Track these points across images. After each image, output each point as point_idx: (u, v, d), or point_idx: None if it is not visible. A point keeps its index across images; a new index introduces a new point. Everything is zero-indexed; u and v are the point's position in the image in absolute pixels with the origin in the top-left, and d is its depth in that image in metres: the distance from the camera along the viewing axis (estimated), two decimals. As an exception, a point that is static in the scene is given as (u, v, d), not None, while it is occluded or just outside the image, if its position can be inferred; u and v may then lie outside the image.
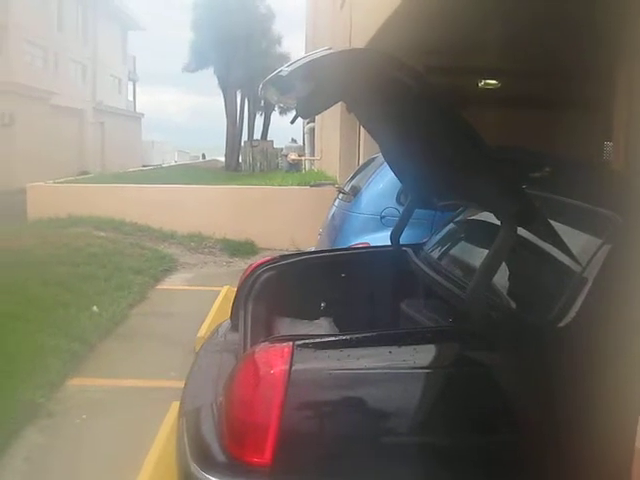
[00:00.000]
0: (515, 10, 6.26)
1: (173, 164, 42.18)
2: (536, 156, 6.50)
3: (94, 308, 6.61)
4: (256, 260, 3.95)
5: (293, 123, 2.81)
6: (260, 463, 2.13)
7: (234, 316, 3.47)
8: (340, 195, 6.83)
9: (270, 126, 39.62)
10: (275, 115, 39.33)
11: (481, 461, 2.25)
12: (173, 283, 8.97)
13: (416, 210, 3.80)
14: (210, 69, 35.16)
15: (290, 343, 2.22)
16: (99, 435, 4.18)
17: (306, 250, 6.35)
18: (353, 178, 6.93)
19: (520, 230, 2.48)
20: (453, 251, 3.76)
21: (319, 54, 2.29)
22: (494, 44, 7.91)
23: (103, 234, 10.83)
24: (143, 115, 47.57)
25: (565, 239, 2.61)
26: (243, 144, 34.63)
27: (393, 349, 2.30)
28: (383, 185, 5.86)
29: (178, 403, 2.90)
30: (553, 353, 2.32)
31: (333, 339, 2.46)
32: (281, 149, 30.92)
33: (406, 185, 3.99)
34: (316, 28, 21.82)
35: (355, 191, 6.23)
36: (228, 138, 35.84)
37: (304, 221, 10.03)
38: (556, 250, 2.65)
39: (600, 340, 2.31)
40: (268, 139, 36.54)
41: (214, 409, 2.52)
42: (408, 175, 3.61)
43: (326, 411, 2.25)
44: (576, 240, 2.65)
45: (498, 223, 2.48)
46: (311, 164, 23.13)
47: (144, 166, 34.18)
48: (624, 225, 2.47)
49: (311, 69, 2.27)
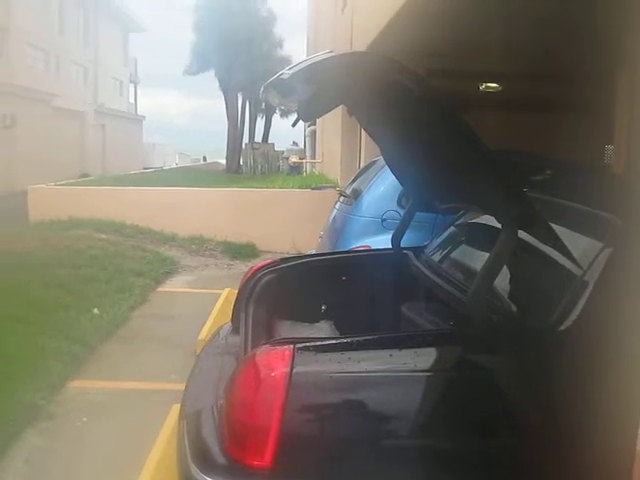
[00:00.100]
0: (516, 13, 6.27)
1: (174, 166, 42.18)
2: (537, 159, 6.52)
3: (95, 310, 6.61)
4: (257, 263, 3.95)
5: (294, 126, 2.83)
6: (260, 466, 2.13)
7: (235, 319, 3.47)
8: (341, 198, 6.83)
9: (271, 129, 39.71)
10: (276, 118, 39.41)
11: (481, 465, 2.25)
12: (174, 285, 8.96)
13: (417, 213, 3.81)
14: (211, 72, 35.20)
15: (291, 346, 2.22)
16: (100, 438, 4.17)
17: (307, 253, 6.34)
18: (354, 181, 6.93)
19: (521, 233, 2.48)
20: (454, 254, 3.76)
21: (320, 57, 2.29)
22: (495, 47, 7.93)
23: (104, 236, 10.82)
24: (144, 117, 47.64)
25: (566, 242, 2.61)
26: (244, 147, 34.63)
27: (394, 352, 2.30)
28: (384, 188, 5.86)
29: (179, 406, 2.90)
30: (554, 357, 2.31)
31: (334, 342, 2.46)
32: (282, 152, 30.93)
33: (407, 188, 3.99)
34: (317, 31, 21.87)
35: (356, 194, 6.23)
36: (229, 141, 35.86)
37: (305, 224, 10.03)
38: (557, 253, 2.65)
39: (601, 343, 2.31)
40: (269, 142, 36.58)
41: (215, 412, 2.52)
42: (409, 178, 3.61)
43: (327, 414, 2.24)
44: (577, 243, 2.65)
45: (499, 226, 2.49)
46: (312, 167, 23.17)
47: (145, 168, 34.19)
48: (625, 228, 2.48)
49: (312, 72, 2.27)
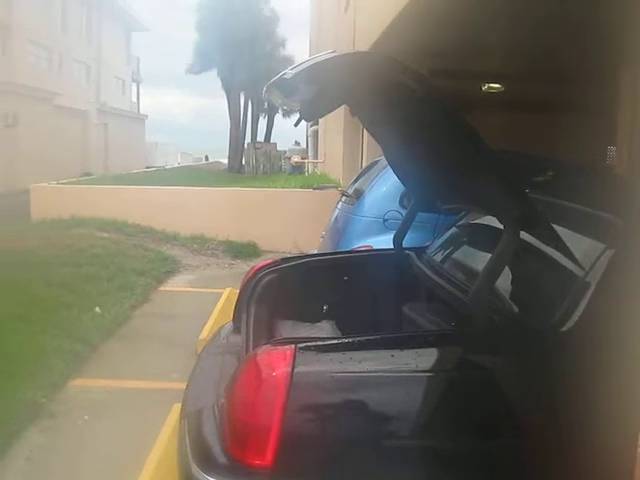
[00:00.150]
0: (519, 13, 6.26)
1: (176, 166, 42.20)
2: (539, 160, 6.51)
3: (97, 309, 6.61)
4: (259, 262, 3.95)
5: (297, 126, 2.82)
6: (261, 465, 2.13)
7: (236, 318, 3.47)
8: (343, 198, 6.83)
9: (273, 128, 39.64)
10: (278, 117, 39.35)
11: (483, 465, 2.25)
12: (176, 285, 8.96)
13: (419, 213, 3.81)
14: (214, 71, 35.17)
15: (292, 346, 2.22)
16: (101, 436, 4.18)
17: (309, 253, 6.34)
18: (356, 181, 6.93)
19: (523, 234, 2.48)
20: (456, 255, 3.76)
21: (323, 57, 2.29)
22: (498, 47, 7.93)
23: (106, 235, 10.82)
24: (147, 116, 47.66)
25: (568, 243, 2.61)
26: (246, 146, 34.61)
27: (395, 352, 2.30)
28: (386, 188, 5.86)
29: (180, 405, 2.90)
30: (555, 357, 2.31)
31: (335, 342, 2.46)
32: (284, 152, 30.93)
33: (409, 188, 3.99)
34: (320, 31, 21.84)
35: (358, 194, 6.23)
36: (231, 140, 35.85)
37: (307, 224, 10.03)
38: (559, 254, 2.65)
39: (603, 344, 2.31)
40: (271, 141, 36.54)
41: (216, 411, 2.52)
42: (411, 178, 3.61)
43: (328, 414, 2.25)
44: (579, 244, 2.65)
45: (501, 227, 2.49)
46: (314, 167, 23.15)
47: (147, 167, 34.22)
48: (627, 229, 2.47)
49: (315, 72, 2.27)
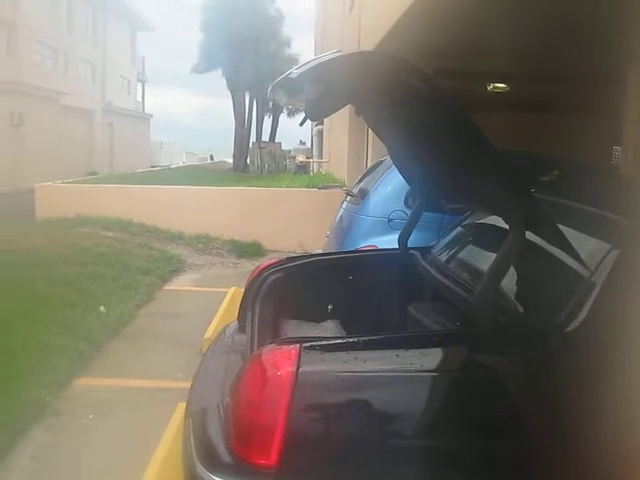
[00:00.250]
0: (524, 13, 6.25)
1: (181, 165, 42.27)
2: (544, 160, 6.50)
3: (101, 308, 6.63)
4: (263, 262, 3.95)
5: (302, 125, 2.83)
6: (266, 465, 2.13)
7: (241, 317, 3.47)
8: (348, 198, 6.82)
9: (278, 128, 39.62)
10: (283, 117, 39.35)
11: (487, 465, 2.25)
12: (181, 284, 8.97)
13: (424, 213, 3.80)
14: (219, 70, 35.18)
15: (297, 345, 2.22)
16: (106, 435, 4.19)
17: (313, 252, 6.34)
18: (361, 181, 6.92)
19: (528, 234, 2.47)
20: (461, 254, 3.76)
21: (328, 57, 2.29)
22: (503, 47, 7.91)
23: (111, 234, 10.85)
24: (152, 116, 47.76)
25: (573, 243, 2.60)
26: (251, 146, 34.60)
27: (400, 352, 2.30)
28: (391, 188, 5.85)
29: (184, 404, 2.90)
30: (560, 358, 2.31)
31: (340, 341, 2.46)
32: (289, 151, 30.92)
33: (414, 188, 3.99)
34: (325, 31, 21.85)
35: (363, 194, 6.22)
36: (236, 140, 35.86)
37: (312, 223, 10.02)
38: (564, 254, 2.64)
39: (608, 345, 2.31)
40: (276, 141, 36.51)
41: (221, 410, 2.52)
42: (416, 178, 3.61)
43: (333, 413, 2.24)
44: (584, 244, 2.64)
45: (506, 227, 2.48)
46: (319, 166, 23.18)
47: (152, 167, 34.26)
48: (632, 230, 2.47)
49: (320, 72, 2.27)
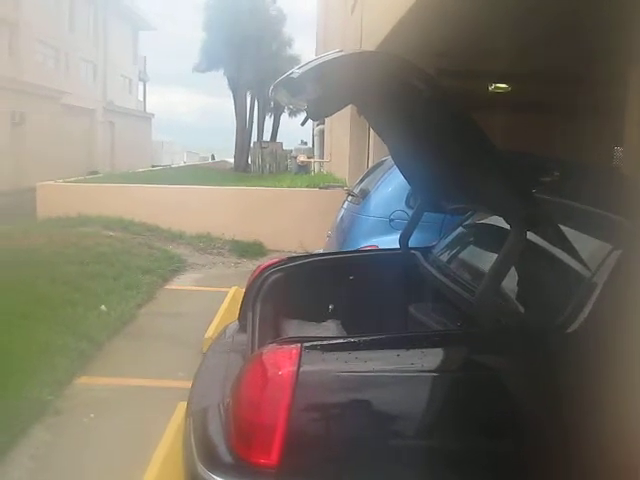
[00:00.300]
0: (526, 14, 6.25)
1: (182, 165, 42.28)
2: (546, 161, 6.50)
3: (102, 307, 6.63)
4: (264, 261, 3.95)
5: (303, 125, 2.83)
6: (267, 464, 2.13)
7: (242, 317, 3.47)
8: (349, 197, 6.83)
9: (279, 128, 39.64)
10: (284, 117, 39.34)
11: (488, 465, 2.24)
12: (181, 283, 8.97)
13: (425, 213, 3.80)
14: (220, 70, 35.17)
15: (298, 345, 2.22)
16: (106, 434, 4.19)
17: (314, 252, 6.34)
18: (362, 181, 6.92)
19: (529, 234, 2.47)
20: (462, 255, 3.76)
21: (330, 57, 2.29)
22: (505, 48, 7.91)
23: (112, 233, 10.85)
24: (153, 115, 47.76)
25: (575, 244, 2.60)
26: (252, 145, 34.60)
27: (401, 352, 2.30)
28: (392, 188, 5.85)
29: (185, 403, 2.90)
30: (561, 358, 2.31)
31: (341, 341, 2.45)
32: (290, 151, 30.92)
33: (415, 188, 3.98)
34: (327, 31, 21.86)
35: (364, 194, 6.22)
36: (237, 139, 35.87)
37: (313, 223, 10.04)
38: (565, 255, 2.64)
39: (609, 346, 2.30)
40: (277, 141, 36.52)
41: (221, 410, 2.52)
42: (417, 178, 3.61)
43: (333, 413, 2.24)
44: (586, 245, 2.64)
45: (507, 227, 2.48)
46: (320, 166, 23.19)
47: (153, 166, 34.25)
48: (634, 230, 2.46)
49: (322, 72, 2.27)
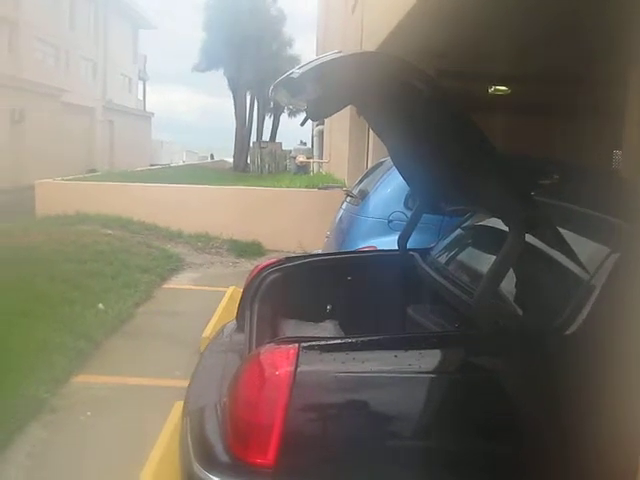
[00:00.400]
0: (526, 16, 6.25)
1: (181, 164, 42.23)
2: (545, 163, 6.50)
3: (100, 305, 6.62)
4: (263, 261, 3.95)
5: (303, 125, 2.83)
6: (263, 464, 2.13)
7: (240, 317, 3.47)
8: (348, 198, 6.83)
9: (279, 128, 39.65)
10: (284, 117, 39.35)
11: (485, 467, 2.24)
12: (179, 282, 8.96)
13: (424, 215, 3.80)
14: (220, 70, 35.19)
15: (296, 345, 2.22)
16: (103, 432, 4.18)
17: (313, 252, 6.34)
18: (361, 181, 6.93)
19: (528, 237, 2.47)
20: (460, 256, 3.76)
21: (330, 57, 2.29)
22: (505, 50, 7.92)
23: (110, 232, 10.84)
24: (153, 114, 47.67)
25: (573, 246, 2.60)
26: (252, 145, 34.62)
27: (399, 353, 2.30)
28: (391, 189, 5.86)
29: (182, 402, 2.90)
30: (559, 360, 2.31)
31: (339, 342, 2.45)
32: (290, 151, 30.93)
33: (414, 189, 3.99)
34: (327, 31, 21.87)
35: (363, 194, 6.23)
36: (237, 139, 35.87)
37: (311, 223, 10.04)
38: (564, 257, 2.64)
39: (607, 348, 2.31)
40: (277, 141, 36.53)
41: (218, 409, 2.52)
42: (416, 179, 3.61)
43: (330, 413, 2.24)
44: (584, 248, 2.64)
45: (506, 229, 2.48)
46: (319, 167, 23.19)
47: (152, 165, 34.23)
48: (632, 233, 2.47)
49: (322, 72, 2.27)
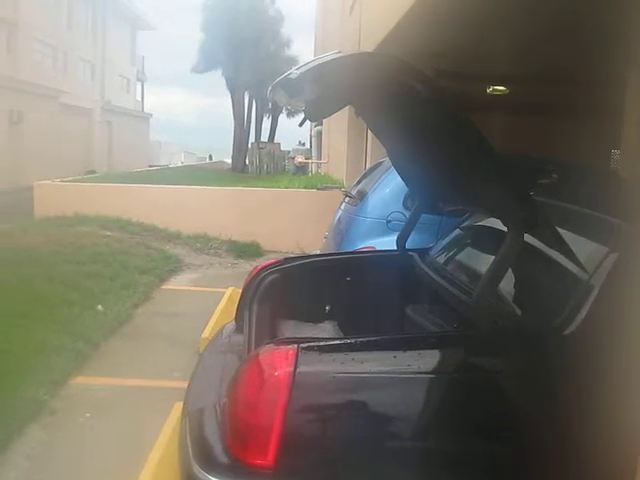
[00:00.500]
0: (525, 16, 6.26)
1: (180, 165, 42.19)
2: (544, 163, 6.51)
3: (99, 307, 6.62)
4: (262, 262, 3.95)
5: (301, 126, 2.82)
6: (263, 465, 2.13)
7: (239, 318, 3.47)
8: (346, 199, 6.83)
9: (277, 128, 39.56)
10: (282, 117, 39.25)
11: (484, 467, 2.25)
12: (178, 283, 8.96)
13: (422, 215, 3.81)
14: (219, 70, 35.11)
15: (295, 345, 2.22)
16: (102, 434, 4.18)
17: (312, 253, 6.34)
18: (360, 182, 6.93)
19: (527, 237, 2.48)
20: (459, 257, 3.76)
21: (328, 57, 2.29)
22: (503, 50, 7.92)
23: (109, 233, 10.84)
24: (151, 115, 47.61)
25: (572, 246, 2.60)
26: (250, 146, 34.57)
27: (398, 354, 2.30)
28: (390, 189, 5.86)
29: (181, 403, 2.90)
30: (558, 360, 2.31)
31: (338, 342, 2.46)
32: (288, 152, 30.90)
33: (413, 190, 3.99)
34: (325, 32, 21.85)
35: (361, 195, 6.23)
36: (235, 140, 35.83)
37: (310, 224, 10.03)
38: (562, 257, 2.64)
39: (605, 348, 2.31)
40: (275, 141, 36.46)
41: (217, 410, 2.52)
42: (415, 180, 3.61)
43: (330, 414, 2.24)
44: (583, 247, 2.64)
45: (505, 229, 2.48)
46: (318, 167, 23.16)
47: (151, 166, 34.18)
48: (631, 233, 2.47)
49: (320, 72, 2.27)
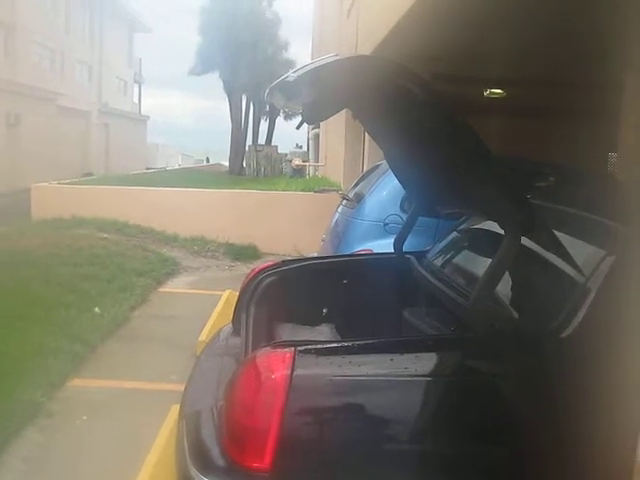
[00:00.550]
0: (522, 19, 6.27)
1: (177, 167, 42.18)
2: (541, 166, 6.51)
3: (96, 309, 6.61)
4: (258, 265, 3.95)
5: (299, 129, 2.84)
6: (259, 468, 2.13)
7: (236, 320, 3.47)
8: (344, 201, 6.83)
9: (275, 131, 39.56)
10: (280, 120, 39.24)
11: (481, 470, 2.25)
12: (175, 286, 8.95)
13: (420, 218, 3.81)
14: (216, 73, 35.09)
15: (292, 348, 2.22)
16: (99, 436, 4.17)
17: (309, 256, 6.34)
18: (357, 185, 6.93)
19: (524, 240, 2.48)
20: (456, 259, 3.76)
21: (326, 60, 2.29)
22: (500, 53, 7.93)
23: (106, 235, 10.82)
24: (148, 117, 47.59)
25: (569, 249, 2.61)
26: (247, 149, 34.59)
27: (395, 357, 2.30)
28: (387, 192, 5.86)
29: (178, 406, 2.90)
30: (555, 363, 2.31)
31: (335, 345, 2.46)
32: (285, 154, 30.93)
33: (410, 192, 3.99)
34: (323, 34, 21.88)
35: (359, 198, 6.23)
36: (232, 142, 35.82)
37: (307, 227, 10.02)
38: (559, 260, 2.65)
39: (602, 351, 2.31)
40: (272, 144, 36.49)
41: (214, 413, 2.52)
42: (412, 183, 3.61)
43: (327, 417, 2.24)
44: (580, 250, 2.65)
45: (502, 232, 2.49)
46: (315, 170, 23.19)
47: (148, 169, 34.15)
48: (628, 236, 2.48)
49: (317, 75, 2.27)
